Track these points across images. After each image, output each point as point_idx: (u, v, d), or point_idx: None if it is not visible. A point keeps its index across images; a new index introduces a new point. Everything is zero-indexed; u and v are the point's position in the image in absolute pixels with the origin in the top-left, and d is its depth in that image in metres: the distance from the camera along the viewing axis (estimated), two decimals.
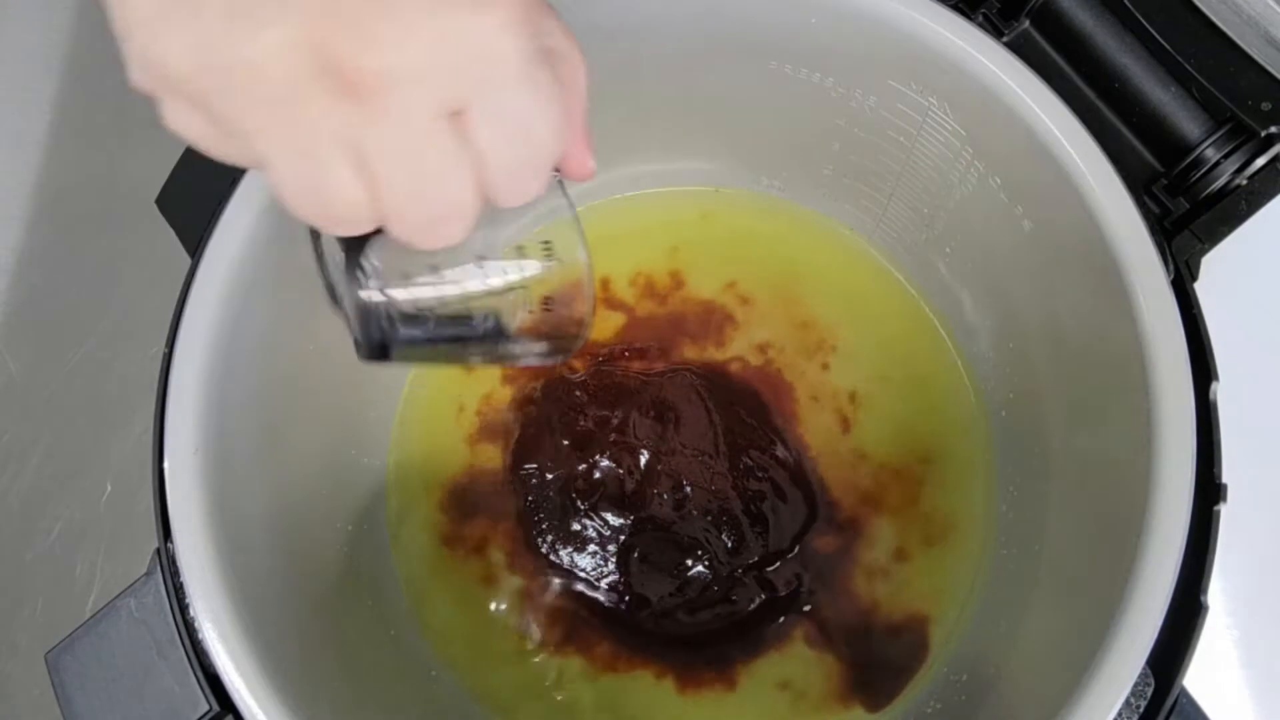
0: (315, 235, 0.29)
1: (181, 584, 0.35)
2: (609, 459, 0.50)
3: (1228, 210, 0.38)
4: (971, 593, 0.49)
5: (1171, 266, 0.37)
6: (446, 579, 0.50)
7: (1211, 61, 0.39)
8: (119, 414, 0.55)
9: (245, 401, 0.39)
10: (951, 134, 0.43)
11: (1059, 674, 0.36)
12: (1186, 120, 0.39)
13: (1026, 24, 0.41)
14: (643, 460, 0.50)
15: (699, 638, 0.49)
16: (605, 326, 0.53)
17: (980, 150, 0.42)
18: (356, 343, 0.30)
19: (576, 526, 0.49)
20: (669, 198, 0.55)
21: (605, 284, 0.54)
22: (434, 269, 0.30)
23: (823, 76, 0.44)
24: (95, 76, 0.62)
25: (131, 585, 0.36)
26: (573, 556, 0.49)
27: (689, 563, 0.49)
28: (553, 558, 0.50)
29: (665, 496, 0.49)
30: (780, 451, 0.50)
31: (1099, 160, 0.38)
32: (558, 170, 0.31)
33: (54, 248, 0.27)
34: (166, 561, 0.36)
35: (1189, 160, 0.39)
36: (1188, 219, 0.39)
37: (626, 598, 0.49)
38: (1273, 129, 0.38)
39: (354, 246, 0.29)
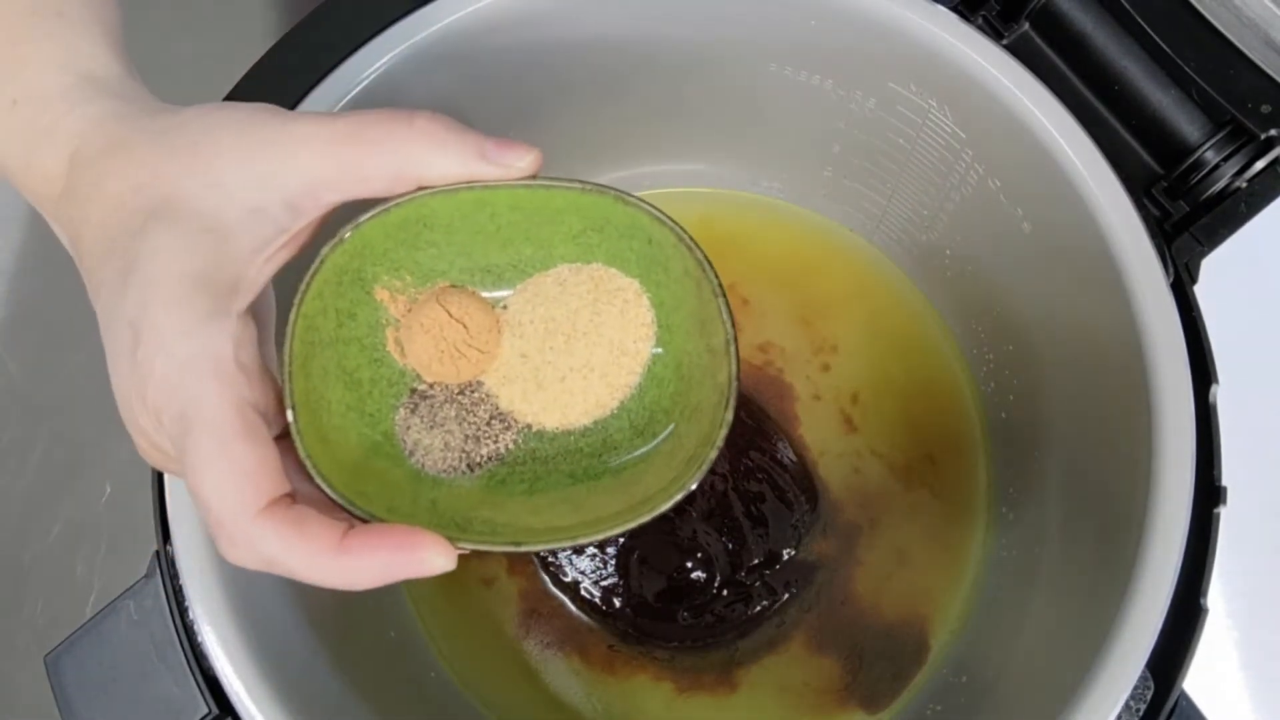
0: None
1: (181, 586, 0.35)
2: None
3: (1227, 213, 0.39)
4: (971, 595, 0.49)
5: (1171, 269, 0.37)
6: (446, 581, 0.50)
7: (1211, 64, 0.39)
8: (119, 414, 0.55)
9: None
10: (951, 136, 0.43)
11: (1059, 676, 0.36)
12: (1186, 123, 0.39)
13: (1026, 26, 0.41)
14: None
15: (698, 640, 0.49)
16: None
17: (980, 152, 0.42)
18: None
19: None
20: (669, 199, 0.55)
21: None
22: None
23: (822, 79, 0.44)
24: None
25: (131, 587, 0.36)
26: (572, 558, 0.49)
27: (689, 565, 0.49)
28: (552, 559, 0.50)
29: None
30: (781, 453, 0.50)
31: (1098, 163, 0.38)
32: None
33: (54, 249, 0.27)
34: (166, 564, 0.36)
35: (1189, 163, 0.39)
36: (1187, 221, 0.39)
37: (626, 600, 0.49)
38: (1272, 131, 0.38)
39: None
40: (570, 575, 0.49)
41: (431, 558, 0.26)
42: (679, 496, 0.29)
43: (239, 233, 0.27)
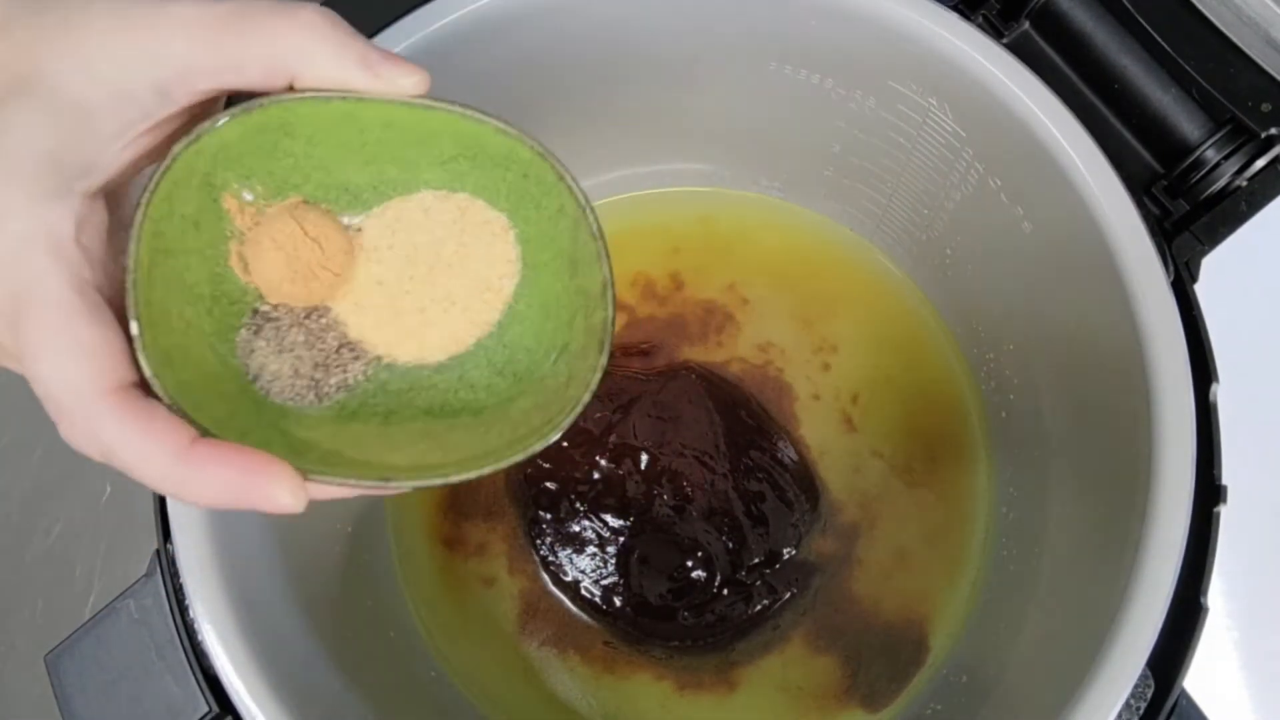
0: None
1: (181, 585, 0.35)
2: (609, 460, 0.50)
3: (1228, 212, 0.39)
4: (972, 594, 0.49)
5: (1171, 268, 0.37)
6: (446, 580, 0.50)
7: (1211, 63, 0.39)
8: None
9: None
10: (952, 135, 0.43)
11: (1059, 675, 0.36)
12: (1186, 122, 0.39)
13: (1026, 25, 0.41)
14: (643, 461, 0.50)
15: (699, 639, 0.49)
16: None
17: (980, 152, 0.42)
18: None
19: (576, 528, 0.49)
20: (669, 199, 0.55)
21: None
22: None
23: (823, 78, 0.44)
24: None
25: (131, 586, 0.36)
26: (572, 558, 0.49)
27: (689, 564, 0.49)
28: (552, 559, 0.50)
29: (665, 498, 0.49)
30: (781, 452, 0.50)
31: (1099, 161, 0.38)
32: None
33: None
34: (166, 563, 0.36)
35: (1189, 161, 0.39)
36: (1188, 220, 0.39)
37: (626, 599, 0.49)
38: (1273, 130, 0.38)
39: None
40: (570, 575, 0.49)
41: (279, 493, 0.25)
42: (554, 437, 0.28)
43: (101, 114, 0.26)
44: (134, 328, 0.26)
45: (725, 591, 0.49)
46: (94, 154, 0.26)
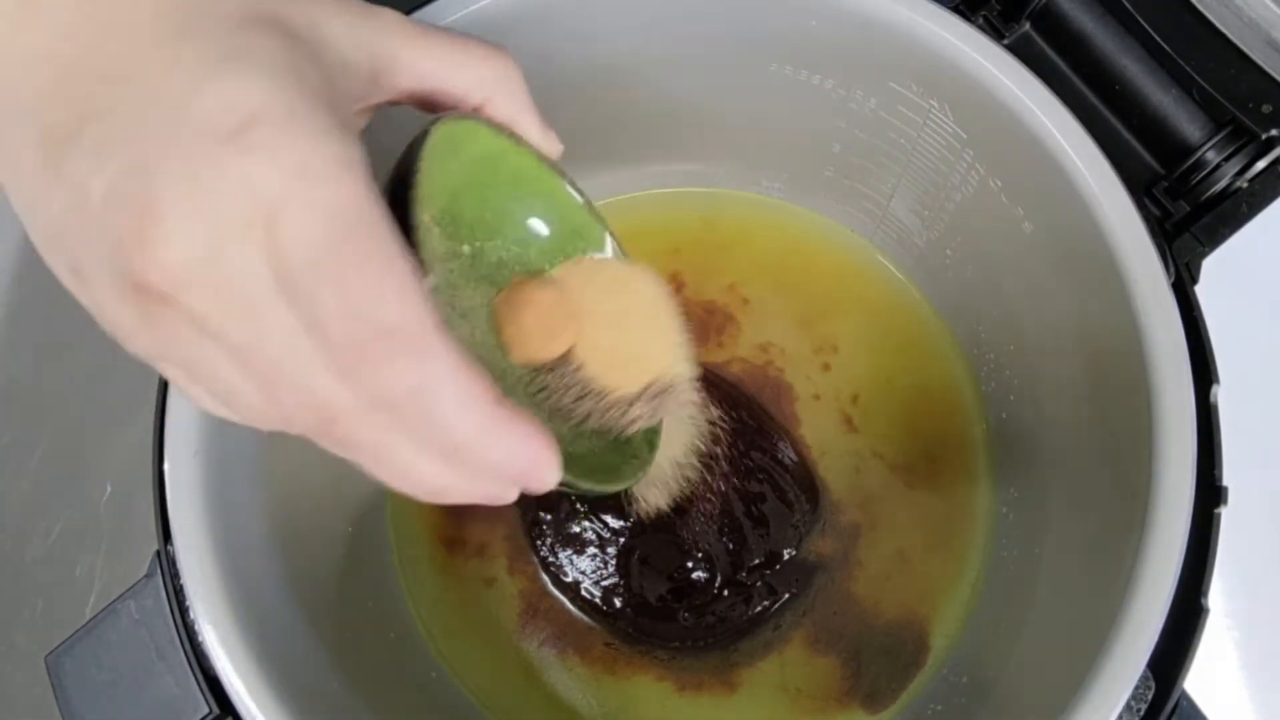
0: None
1: (181, 586, 0.35)
2: None
3: (1228, 213, 0.39)
4: (972, 595, 0.49)
5: (1172, 269, 0.37)
6: (446, 580, 0.50)
7: (1212, 64, 0.39)
8: (119, 414, 0.55)
9: None
10: (952, 136, 0.43)
11: (1059, 677, 0.36)
12: (1187, 122, 0.39)
13: (1027, 26, 0.41)
14: None
15: (699, 640, 0.49)
16: None
17: (981, 152, 0.42)
18: None
19: (576, 529, 0.49)
20: (669, 199, 0.55)
21: None
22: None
23: (823, 79, 0.44)
24: None
25: (131, 587, 0.36)
26: (572, 559, 0.49)
27: (689, 565, 0.49)
28: (552, 560, 0.49)
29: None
30: (782, 453, 0.50)
31: (1099, 162, 0.38)
32: None
33: None
34: (166, 563, 0.36)
35: (1190, 163, 0.39)
36: (1188, 221, 0.39)
37: (626, 600, 0.49)
38: (1273, 131, 0.38)
39: None
40: (571, 575, 0.49)
41: (553, 471, 0.24)
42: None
43: (336, 77, 0.24)
44: (431, 279, 0.25)
45: (725, 592, 0.49)
46: (345, 112, 0.24)
